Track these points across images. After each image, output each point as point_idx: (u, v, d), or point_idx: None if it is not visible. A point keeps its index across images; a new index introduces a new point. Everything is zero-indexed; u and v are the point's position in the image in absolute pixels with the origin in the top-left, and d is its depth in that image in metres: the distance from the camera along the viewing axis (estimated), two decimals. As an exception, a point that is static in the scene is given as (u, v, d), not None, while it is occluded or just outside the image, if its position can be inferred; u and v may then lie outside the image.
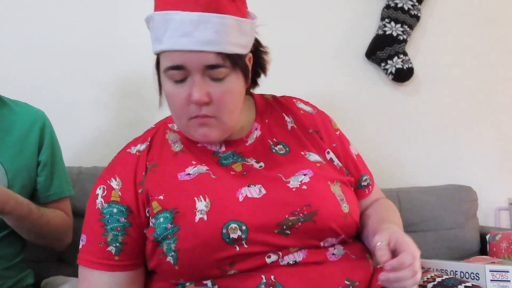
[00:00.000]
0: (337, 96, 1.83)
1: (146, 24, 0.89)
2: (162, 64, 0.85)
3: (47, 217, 1.13)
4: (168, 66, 0.83)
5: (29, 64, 1.60)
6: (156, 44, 0.84)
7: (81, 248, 0.90)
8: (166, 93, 0.87)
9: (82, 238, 0.90)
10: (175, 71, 0.83)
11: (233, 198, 0.84)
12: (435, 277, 0.83)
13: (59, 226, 1.18)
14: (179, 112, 0.87)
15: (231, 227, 0.80)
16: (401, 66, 1.78)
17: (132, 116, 1.66)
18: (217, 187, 0.85)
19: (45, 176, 1.19)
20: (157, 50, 0.85)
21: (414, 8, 1.80)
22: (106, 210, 0.88)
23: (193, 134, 0.89)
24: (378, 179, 1.78)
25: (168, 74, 0.84)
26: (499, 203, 1.89)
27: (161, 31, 0.82)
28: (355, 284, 0.83)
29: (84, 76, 1.64)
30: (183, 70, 0.82)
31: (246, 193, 0.85)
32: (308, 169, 0.90)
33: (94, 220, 0.89)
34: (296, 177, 0.88)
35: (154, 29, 0.84)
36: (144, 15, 0.90)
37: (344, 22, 1.84)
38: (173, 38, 0.81)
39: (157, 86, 0.92)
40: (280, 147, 0.95)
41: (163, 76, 0.86)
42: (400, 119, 1.85)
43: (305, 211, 0.84)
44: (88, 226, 0.91)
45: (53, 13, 1.63)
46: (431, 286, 0.81)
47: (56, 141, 1.25)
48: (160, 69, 0.87)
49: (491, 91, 1.91)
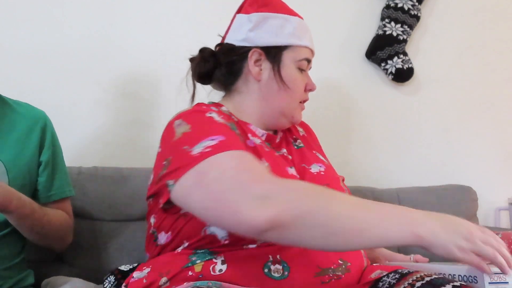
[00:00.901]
0: (337, 96, 1.83)
1: (266, 18, 1.07)
2: (296, 55, 1.08)
3: (49, 216, 1.13)
4: (304, 57, 1.09)
5: (29, 64, 1.60)
6: (296, 39, 1.08)
7: (221, 142, 0.86)
8: (291, 78, 1.07)
9: (213, 138, 0.87)
10: (306, 62, 1.10)
11: (285, 168, 1.00)
12: (424, 276, 0.84)
13: (60, 226, 1.18)
14: (298, 95, 1.10)
15: None
16: (401, 66, 1.78)
17: (132, 116, 1.66)
18: (271, 156, 1.01)
19: (46, 176, 1.19)
20: (300, 44, 1.08)
21: (414, 8, 1.80)
22: (230, 126, 0.96)
23: (295, 115, 1.11)
24: (378, 179, 1.79)
25: (300, 63, 1.08)
26: (499, 203, 1.90)
27: (301, 32, 1.09)
28: (347, 265, 0.92)
29: (84, 76, 1.64)
30: (308, 63, 1.11)
31: (292, 171, 1.01)
32: (321, 163, 1.09)
33: (224, 128, 0.93)
34: (315, 166, 1.07)
35: (293, 28, 1.08)
36: (144, 16, 0.90)
37: (344, 22, 1.84)
38: (310, 41, 1.11)
39: (275, 74, 1.07)
40: (299, 141, 1.15)
41: (290, 64, 1.07)
42: (400, 119, 1.85)
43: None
44: (218, 130, 0.90)
45: (53, 13, 1.63)
46: (420, 285, 0.81)
47: (57, 141, 1.25)
48: (282, 59, 1.07)
49: (491, 91, 1.91)
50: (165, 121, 1.76)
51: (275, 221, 0.74)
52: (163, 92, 1.69)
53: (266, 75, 1.07)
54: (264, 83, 1.07)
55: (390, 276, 0.90)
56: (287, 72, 1.07)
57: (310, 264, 0.89)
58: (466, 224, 0.78)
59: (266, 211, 0.74)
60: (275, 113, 1.09)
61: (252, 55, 1.06)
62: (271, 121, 1.10)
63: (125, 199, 1.43)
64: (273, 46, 1.06)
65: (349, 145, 1.81)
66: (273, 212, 0.74)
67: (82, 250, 1.38)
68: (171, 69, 1.69)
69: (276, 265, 0.87)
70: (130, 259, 1.33)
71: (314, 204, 0.76)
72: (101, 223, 1.41)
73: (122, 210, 1.42)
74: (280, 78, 1.06)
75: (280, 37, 1.07)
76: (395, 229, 0.75)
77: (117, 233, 1.41)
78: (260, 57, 1.07)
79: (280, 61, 1.06)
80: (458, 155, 1.88)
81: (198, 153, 0.84)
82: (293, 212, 0.75)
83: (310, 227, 0.75)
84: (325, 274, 0.89)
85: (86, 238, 1.39)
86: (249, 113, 1.08)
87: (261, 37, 1.06)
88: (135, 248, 1.39)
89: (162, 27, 1.69)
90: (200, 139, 0.87)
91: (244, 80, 1.09)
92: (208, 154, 0.83)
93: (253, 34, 1.07)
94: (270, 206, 0.75)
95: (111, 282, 1.06)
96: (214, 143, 0.85)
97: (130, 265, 1.10)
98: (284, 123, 1.11)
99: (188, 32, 1.71)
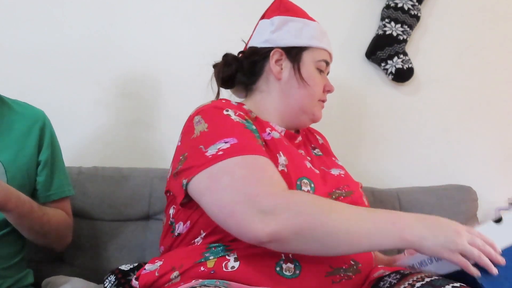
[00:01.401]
0: (337, 96, 1.83)
1: (287, 20, 1.14)
2: (316, 56, 1.14)
3: (48, 216, 1.13)
4: (323, 59, 1.15)
5: (29, 64, 1.60)
6: (316, 41, 1.14)
7: (233, 146, 0.90)
8: (310, 76, 1.12)
9: (226, 140, 0.90)
10: (324, 64, 1.15)
11: (303, 162, 1.02)
12: (424, 276, 0.85)
13: (60, 225, 1.18)
14: (318, 93, 1.14)
15: (304, 182, 0.96)
16: (401, 66, 1.78)
17: (132, 116, 1.66)
18: (290, 150, 1.03)
19: (45, 176, 1.19)
20: (320, 46, 1.15)
21: (414, 8, 1.80)
22: (247, 124, 0.98)
23: (316, 112, 1.15)
24: (378, 179, 1.79)
25: (319, 64, 1.14)
26: (499, 203, 1.89)
27: (320, 35, 1.16)
28: (358, 265, 0.94)
29: (84, 76, 1.64)
30: (327, 65, 1.17)
31: (310, 166, 1.04)
32: (340, 168, 1.13)
33: (240, 128, 0.95)
34: (335, 169, 1.11)
35: (313, 31, 1.14)
36: (144, 16, 0.90)
37: (344, 22, 1.84)
38: (329, 44, 1.18)
39: (295, 73, 1.12)
40: (318, 150, 1.19)
41: (309, 64, 1.13)
42: (400, 119, 1.85)
43: (345, 189, 1.05)
44: (233, 130, 0.94)
45: (53, 13, 1.63)
46: (420, 285, 0.83)
47: (56, 141, 1.25)
48: (302, 58, 1.12)
49: (491, 91, 1.91)
50: (165, 121, 1.77)
51: (276, 235, 0.81)
52: (163, 92, 1.69)
53: (287, 74, 1.12)
54: (285, 81, 1.12)
55: (392, 276, 0.91)
56: (307, 70, 1.12)
57: (322, 263, 0.90)
58: (453, 225, 0.83)
59: (268, 226, 0.80)
60: (295, 110, 1.13)
61: (273, 54, 1.12)
62: (292, 119, 1.13)
63: (125, 199, 1.43)
64: (293, 46, 1.12)
65: (349, 145, 1.81)
66: (274, 228, 0.80)
67: (82, 250, 1.38)
68: (171, 69, 1.69)
69: (288, 263, 0.88)
70: (130, 259, 1.33)
71: (314, 220, 0.82)
72: (101, 223, 1.41)
73: (122, 210, 1.42)
74: (300, 76, 1.11)
75: (300, 39, 1.13)
76: (385, 237, 0.82)
77: (117, 233, 1.41)
78: (281, 57, 1.12)
79: (300, 60, 1.12)
80: (458, 155, 1.87)
81: (212, 155, 0.89)
82: (293, 229, 0.81)
83: (308, 241, 0.83)
84: (336, 274, 0.90)
85: (86, 238, 1.39)
86: (270, 111, 1.12)
87: (282, 38, 1.12)
88: (135, 248, 1.40)
89: (162, 27, 1.69)
90: (215, 140, 0.91)
91: (265, 80, 1.14)
92: (220, 158, 0.88)
93: (275, 36, 1.13)
94: (272, 222, 0.81)
95: (112, 281, 1.06)
96: (227, 147, 0.89)
97: (130, 265, 1.10)
98: (305, 121, 1.16)
99: (188, 32, 1.71)
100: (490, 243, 0.82)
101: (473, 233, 0.82)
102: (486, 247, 0.81)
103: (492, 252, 0.81)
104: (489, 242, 0.82)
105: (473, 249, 0.80)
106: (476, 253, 0.80)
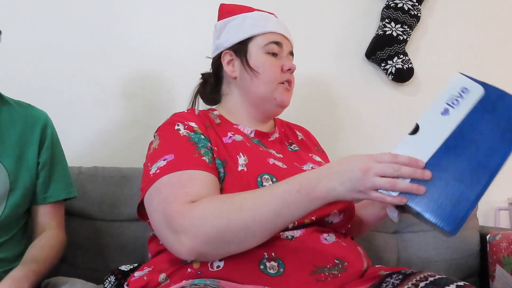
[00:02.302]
0: (337, 96, 1.84)
1: (226, 22, 1.16)
2: (262, 41, 1.12)
3: (48, 261, 1.10)
4: (270, 41, 1.12)
5: (30, 64, 1.60)
6: (258, 28, 1.13)
7: (168, 163, 0.93)
8: (259, 63, 1.11)
9: (165, 158, 0.94)
10: (274, 45, 1.13)
11: (265, 160, 1.02)
12: (427, 276, 0.84)
13: (57, 257, 1.16)
14: (272, 77, 1.11)
15: (265, 177, 0.96)
16: (401, 66, 1.78)
17: (132, 116, 1.66)
18: (252, 150, 1.04)
19: (43, 177, 1.18)
20: (263, 31, 1.13)
21: (414, 8, 1.80)
22: (193, 136, 0.99)
23: (277, 96, 1.12)
24: (378, 179, 1.79)
25: (268, 47, 1.12)
26: (499, 203, 1.90)
27: (263, 21, 1.14)
28: (344, 264, 0.92)
29: (84, 76, 1.64)
30: (278, 46, 1.13)
31: (274, 162, 1.02)
32: (316, 164, 1.11)
33: (182, 142, 0.97)
34: (307, 165, 1.09)
35: (253, 20, 1.14)
36: (144, 16, 0.90)
37: (344, 22, 1.84)
38: (275, 26, 1.15)
39: (244, 67, 1.12)
40: (294, 145, 1.18)
41: (257, 51, 1.12)
42: (400, 119, 1.85)
43: None
44: (174, 146, 0.97)
45: (53, 13, 1.63)
46: (423, 285, 0.81)
47: (58, 142, 1.24)
48: (248, 50, 1.12)
49: (491, 91, 1.91)
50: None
51: (194, 252, 0.83)
52: (163, 92, 1.69)
53: (239, 70, 1.14)
54: (240, 78, 1.14)
55: (394, 276, 0.89)
56: (255, 59, 1.12)
57: (305, 262, 0.90)
58: (358, 163, 0.80)
59: (184, 246, 0.83)
60: (257, 101, 1.13)
61: (224, 57, 1.16)
62: (258, 112, 1.14)
63: (125, 199, 1.43)
64: (237, 42, 1.14)
65: (349, 146, 1.81)
66: (189, 246, 0.83)
67: (82, 250, 1.38)
68: (171, 69, 1.69)
69: (271, 262, 0.89)
70: (130, 259, 1.33)
71: (225, 222, 0.82)
72: (101, 223, 1.41)
73: (122, 210, 1.42)
74: (249, 67, 1.12)
75: (241, 33, 1.14)
76: (295, 208, 0.82)
77: (117, 233, 1.41)
78: (231, 57, 1.15)
79: (246, 52, 1.13)
80: (458, 155, 1.87)
81: (152, 174, 0.93)
82: (203, 241, 0.82)
83: (224, 245, 0.84)
84: (320, 272, 0.90)
85: (86, 238, 1.39)
86: (238, 111, 1.15)
87: (226, 39, 1.16)
88: (135, 248, 1.39)
89: (163, 27, 1.69)
90: (158, 158, 0.95)
91: (226, 83, 1.18)
92: (157, 176, 0.91)
93: (220, 40, 1.17)
94: (185, 241, 0.83)
95: (112, 282, 1.06)
96: (163, 164, 0.93)
97: (130, 265, 1.10)
98: (271, 108, 1.14)
99: (188, 32, 1.71)
100: (408, 162, 0.78)
101: (384, 160, 0.79)
102: (401, 170, 0.77)
103: (411, 171, 0.77)
104: (406, 162, 0.79)
105: (382, 180, 0.77)
106: (387, 184, 0.77)
